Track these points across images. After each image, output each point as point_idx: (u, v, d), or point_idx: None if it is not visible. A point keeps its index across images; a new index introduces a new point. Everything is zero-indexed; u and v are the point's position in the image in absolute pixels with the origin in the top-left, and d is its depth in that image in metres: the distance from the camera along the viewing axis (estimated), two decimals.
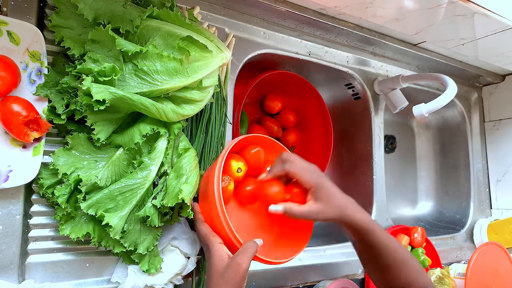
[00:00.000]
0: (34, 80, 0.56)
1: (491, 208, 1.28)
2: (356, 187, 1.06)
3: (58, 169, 0.53)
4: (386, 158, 1.21)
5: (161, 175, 0.60)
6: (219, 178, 0.56)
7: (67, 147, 0.55)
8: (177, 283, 0.64)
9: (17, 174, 0.52)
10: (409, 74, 1.03)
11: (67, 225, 0.55)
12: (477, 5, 0.74)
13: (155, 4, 0.61)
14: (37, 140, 0.55)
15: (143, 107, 0.54)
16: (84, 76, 0.51)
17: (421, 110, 0.77)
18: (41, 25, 0.59)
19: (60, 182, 0.55)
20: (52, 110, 0.56)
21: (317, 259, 0.87)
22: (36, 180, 0.55)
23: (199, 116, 0.70)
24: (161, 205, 0.57)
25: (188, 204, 0.57)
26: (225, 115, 0.74)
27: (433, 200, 1.37)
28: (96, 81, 0.51)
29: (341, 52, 0.98)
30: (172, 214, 0.62)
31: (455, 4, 0.73)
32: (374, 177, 1.01)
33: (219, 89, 0.71)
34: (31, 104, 0.54)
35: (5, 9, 0.56)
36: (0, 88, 0.51)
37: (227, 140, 0.75)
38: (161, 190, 0.59)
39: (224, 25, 0.79)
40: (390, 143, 1.33)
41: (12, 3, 0.56)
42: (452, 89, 0.79)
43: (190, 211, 0.59)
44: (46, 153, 0.56)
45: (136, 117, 0.60)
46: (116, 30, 0.55)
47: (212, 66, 0.61)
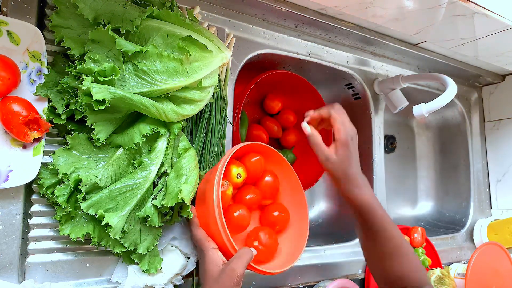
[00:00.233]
0: (34, 80, 0.56)
1: (491, 208, 1.28)
2: None
3: (58, 169, 0.53)
4: (386, 158, 1.21)
5: (161, 175, 0.60)
6: (219, 183, 0.56)
7: (67, 147, 0.55)
8: (177, 283, 0.64)
9: (17, 174, 0.52)
10: (409, 74, 1.03)
11: (67, 225, 0.55)
12: (477, 5, 0.74)
13: (155, 4, 0.61)
14: (37, 140, 0.55)
15: (143, 107, 0.54)
16: (84, 76, 0.51)
17: (421, 110, 0.77)
18: (41, 25, 0.59)
19: (60, 182, 0.55)
20: (52, 110, 0.56)
21: (317, 259, 0.87)
22: (36, 180, 0.54)
23: (199, 116, 0.70)
24: (161, 205, 0.57)
25: (188, 204, 0.57)
26: (225, 115, 0.74)
27: (433, 200, 1.37)
28: (96, 81, 0.51)
29: (341, 52, 0.98)
30: (172, 214, 0.62)
31: (455, 4, 0.73)
32: (374, 177, 1.01)
33: (219, 89, 0.71)
34: (31, 104, 0.54)
35: (5, 9, 0.56)
36: (0, 88, 0.51)
37: (227, 140, 0.75)
38: (161, 190, 0.59)
39: (224, 25, 0.79)
40: (390, 143, 1.33)
41: (12, 3, 0.56)
42: (452, 89, 0.79)
43: (190, 211, 0.59)
44: (46, 153, 0.56)
45: (136, 117, 0.60)
46: (116, 30, 0.55)
47: (212, 66, 0.61)
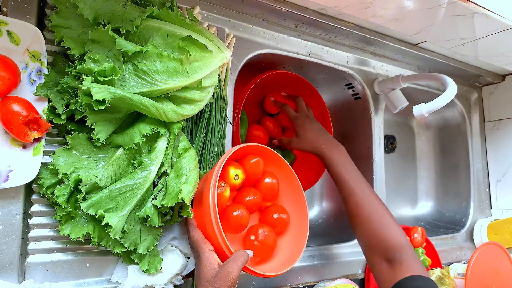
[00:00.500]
0: (34, 80, 0.56)
1: (491, 208, 1.28)
2: None
3: (58, 169, 0.53)
4: (386, 158, 1.22)
5: (161, 175, 0.60)
6: (215, 184, 0.56)
7: (67, 147, 0.55)
8: (177, 283, 0.64)
9: (17, 174, 0.52)
10: (409, 74, 1.03)
11: (67, 225, 0.55)
12: (477, 5, 0.74)
13: (155, 4, 0.61)
14: (37, 140, 0.55)
15: (143, 107, 0.54)
16: (84, 76, 0.51)
17: (421, 110, 0.77)
18: (41, 25, 0.59)
19: (60, 182, 0.55)
20: (52, 110, 0.56)
21: (317, 259, 0.87)
22: (36, 180, 0.54)
23: (199, 116, 0.70)
24: (161, 205, 0.57)
25: (188, 204, 0.57)
26: (225, 115, 0.74)
27: (433, 200, 1.37)
28: (96, 81, 0.51)
29: (341, 52, 0.98)
30: (172, 214, 0.62)
31: (455, 4, 0.73)
32: (374, 177, 1.01)
33: (219, 89, 0.71)
34: (31, 104, 0.54)
35: (5, 9, 0.55)
36: (0, 88, 0.51)
37: (227, 140, 0.75)
38: (161, 190, 0.59)
39: (224, 25, 0.79)
40: (390, 143, 1.33)
41: (12, 3, 0.56)
42: (452, 89, 0.79)
43: (190, 211, 0.59)
44: (46, 153, 0.56)
45: (136, 117, 0.60)
46: (116, 30, 0.55)
47: (212, 66, 0.61)
